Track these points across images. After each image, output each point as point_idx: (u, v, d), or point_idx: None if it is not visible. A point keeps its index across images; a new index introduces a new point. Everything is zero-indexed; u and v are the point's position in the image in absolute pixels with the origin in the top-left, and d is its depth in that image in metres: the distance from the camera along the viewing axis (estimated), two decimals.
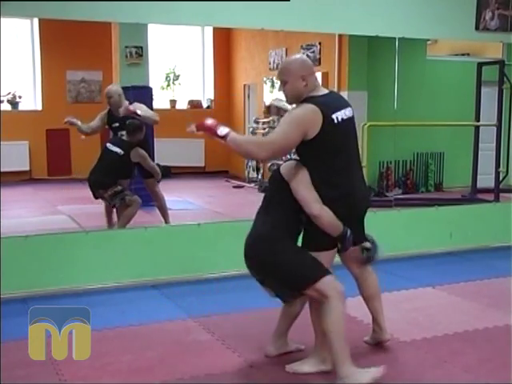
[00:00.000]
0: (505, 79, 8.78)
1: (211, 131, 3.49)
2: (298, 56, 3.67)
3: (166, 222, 6.58)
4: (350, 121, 3.54)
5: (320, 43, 10.67)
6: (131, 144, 6.34)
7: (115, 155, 6.28)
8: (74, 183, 9.71)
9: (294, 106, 3.57)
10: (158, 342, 4.01)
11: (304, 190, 3.41)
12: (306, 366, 3.60)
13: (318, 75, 11.06)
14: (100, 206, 6.51)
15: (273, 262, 3.45)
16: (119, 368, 3.61)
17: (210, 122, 3.53)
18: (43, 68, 11.96)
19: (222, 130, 3.46)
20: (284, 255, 3.45)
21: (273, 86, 12.54)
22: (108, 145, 6.38)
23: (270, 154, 3.45)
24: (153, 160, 6.73)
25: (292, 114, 3.46)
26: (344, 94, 9.97)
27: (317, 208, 3.39)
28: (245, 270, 3.70)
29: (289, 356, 3.79)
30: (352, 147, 3.60)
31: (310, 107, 3.39)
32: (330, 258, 3.59)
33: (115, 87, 6.78)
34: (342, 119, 3.45)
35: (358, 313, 4.55)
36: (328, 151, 3.44)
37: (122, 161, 6.30)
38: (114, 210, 6.40)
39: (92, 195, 6.31)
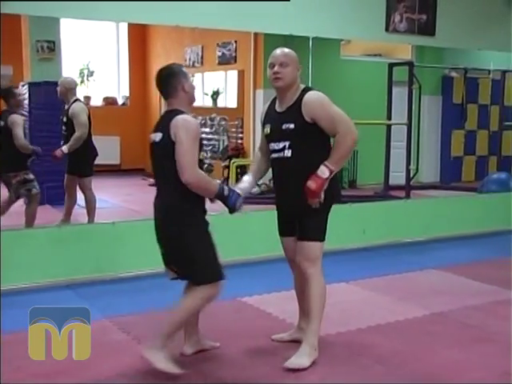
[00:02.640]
0: (414, 80, 9.06)
1: (322, 185, 3.57)
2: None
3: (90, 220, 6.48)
4: None
5: (236, 41, 10.72)
6: (9, 112, 6.18)
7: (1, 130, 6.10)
8: None
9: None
10: None
11: (188, 154, 3.39)
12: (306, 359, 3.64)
13: (234, 73, 11.12)
14: (16, 204, 6.32)
15: (180, 243, 3.51)
16: (33, 371, 3.51)
17: (315, 185, 3.56)
18: None
19: (325, 172, 3.57)
20: (193, 240, 3.50)
21: None
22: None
23: (356, 132, 3.67)
24: (66, 157, 6.50)
25: (324, 98, 3.70)
26: (260, 92, 10.09)
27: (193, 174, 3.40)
28: (160, 268, 3.69)
29: (204, 354, 3.80)
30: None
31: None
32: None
33: (66, 79, 6.72)
34: None
35: (274, 309, 4.62)
36: (326, 136, 3.71)
37: (6, 133, 6.07)
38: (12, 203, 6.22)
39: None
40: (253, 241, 6.02)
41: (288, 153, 3.70)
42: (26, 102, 8.65)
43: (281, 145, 3.72)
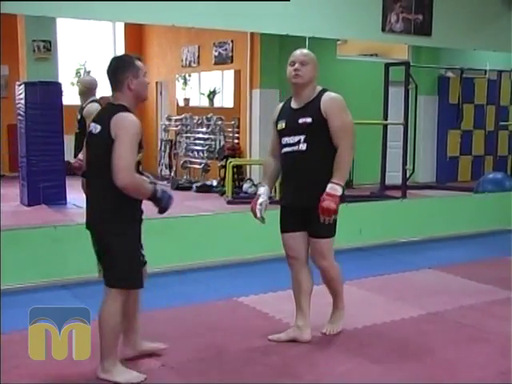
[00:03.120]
0: (410, 80, 9.08)
1: (337, 204, 3.76)
2: None
3: None
4: None
5: (232, 41, 10.72)
6: None
7: None
8: None
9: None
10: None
11: (125, 156, 3.21)
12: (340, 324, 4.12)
13: (231, 73, 11.12)
14: (8, 204, 6.31)
15: (109, 244, 3.39)
16: (28, 371, 3.50)
17: (335, 205, 3.74)
18: None
19: (338, 190, 3.75)
20: (122, 246, 3.37)
21: (185, 83, 12.50)
22: None
23: (353, 144, 3.85)
24: (62, 157, 6.48)
25: (342, 102, 3.92)
26: (256, 92, 10.09)
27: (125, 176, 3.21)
28: (156, 268, 3.68)
29: (201, 354, 3.80)
30: None
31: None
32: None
33: (85, 78, 6.68)
34: None
35: (269, 309, 4.62)
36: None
37: None
38: None
39: None
40: (249, 241, 6.02)
41: (303, 146, 3.84)
42: (22, 101, 8.65)
43: (296, 138, 3.85)
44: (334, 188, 3.72)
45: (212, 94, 11.85)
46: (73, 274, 5.26)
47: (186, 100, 12.41)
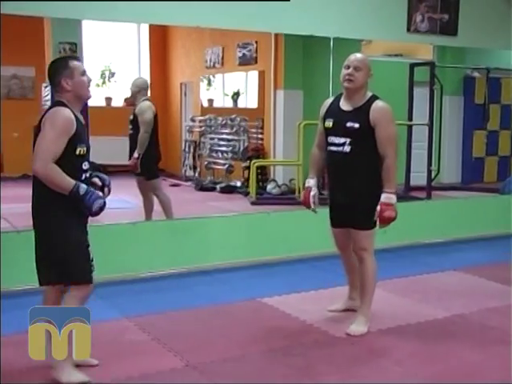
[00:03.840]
0: (435, 80, 9.01)
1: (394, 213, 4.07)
2: None
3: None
4: None
5: (256, 42, 10.72)
6: None
7: None
8: (5, 181, 9.47)
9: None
10: (93, 343, 3.92)
11: (44, 145, 3.22)
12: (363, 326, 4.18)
13: (255, 74, 11.12)
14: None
15: (46, 235, 3.37)
16: (48, 371, 3.54)
17: (394, 213, 4.09)
18: None
19: (393, 199, 4.08)
20: (62, 238, 3.34)
21: (209, 84, 12.53)
22: None
23: (396, 153, 4.14)
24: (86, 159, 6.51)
25: (390, 111, 4.10)
26: (280, 93, 10.08)
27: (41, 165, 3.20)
28: (181, 268, 3.70)
29: (222, 354, 3.80)
30: None
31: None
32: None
33: (138, 80, 6.79)
34: None
35: (293, 310, 4.62)
36: None
37: None
38: None
39: None
40: (273, 241, 6.02)
41: (347, 148, 4.07)
42: (49, 103, 8.73)
43: (342, 140, 4.08)
44: (389, 197, 4.03)
45: (236, 95, 11.87)
46: (97, 273, 5.27)
47: (210, 101, 12.43)
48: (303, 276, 5.68)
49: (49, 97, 8.70)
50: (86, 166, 3.43)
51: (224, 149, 11.34)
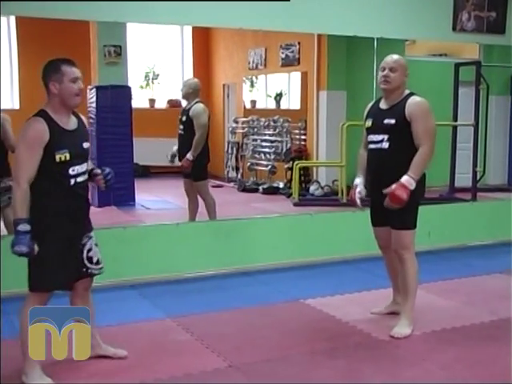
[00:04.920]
0: (481, 80, 8.87)
1: (407, 194, 3.92)
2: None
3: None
4: None
5: (299, 43, 10.70)
6: None
7: None
8: None
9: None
10: (137, 342, 4.00)
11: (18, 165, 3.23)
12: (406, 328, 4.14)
13: (298, 75, 11.11)
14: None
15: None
16: (97, 368, 3.59)
17: (400, 192, 3.92)
18: (20, 66, 11.85)
19: (411, 183, 3.93)
20: (39, 244, 3.26)
21: (252, 85, 12.55)
22: None
23: (433, 149, 4.09)
24: (131, 159, 6.61)
25: (425, 106, 4.13)
26: (323, 94, 10.05)
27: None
28: (224, 269, 3.70)
29: (266, 355, 3.80)
30: None
31: (428, 103, 4.16)
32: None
33: (190, 81, 6.88)
34: None
35: (336, 312, 4.59)
36: None
37: None
38: None
39: None
40: (316, 243, 6.00)
41: (385, 145, 4.10)
42: (94, 105, 8.87)
43: (380, 137, 4.12)
44: (409, 181, 3.92)
45: (279, 96, 11.86)
46: (141, 273, 5.36)
47: (253, 102, 12.46)
48: (347, 278, 5.64)
49: (94, 99, 8.84)
50: (74, 170, 3.37)
51: (267, 150, 11.34)
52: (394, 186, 3.91)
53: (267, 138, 11.41)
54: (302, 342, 4.05)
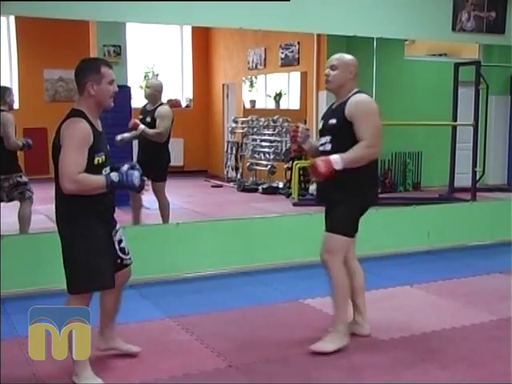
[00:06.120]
0: (481, 79, 8.87)
1: (332, 174, 3.65)
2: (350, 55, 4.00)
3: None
4: None
5: (299, 43, 10.71)
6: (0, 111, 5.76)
7: None
8: (51, 182, 9.63)
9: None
10: (137, 342, 3.99)
11: (67, 162, 3.18)
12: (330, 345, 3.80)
13: (297, 75, 11.11)
14: None
15: (63, 246, 3.37)
16: (97, 368, 3.58)
17: (325, 168, 3.64)
18: (20, 66, 11.86)
19: (338, 164, 3.64)
20: (78, 245, 3.30)
21: (252, 85, 12.55)
22: None
23: (378, 148, 3.83)
24: (131, 159, 6.62)
25: (369, 106, 3.86)
26: (323, 94, 10.04)
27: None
28: (223, 269, 3.70)
29: (266, 355, 3.80)
30: None
31: (373, 100, 3.93)
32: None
33: (155, 82, 6.88)
34: None
35: None
36: None
37: None
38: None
39: None
40: (316, 243, 5.98)
41: (328, 146, 3.86)
42: None
43: (323, 139, 3.92)
44: (336, 159, 3.65)
45: (278, 96, 11.87)
46: (141, 273, 5.33)
47: (253, 102, 12.46)
48: None
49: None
50: (106, 171, 3.39)
51: (266, 150, 11.35)
52: (319, 158, 3.71)
53: (267, 137, 11.42)
54: (302, 341, 4.05)
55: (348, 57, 3.97)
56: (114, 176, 3.27)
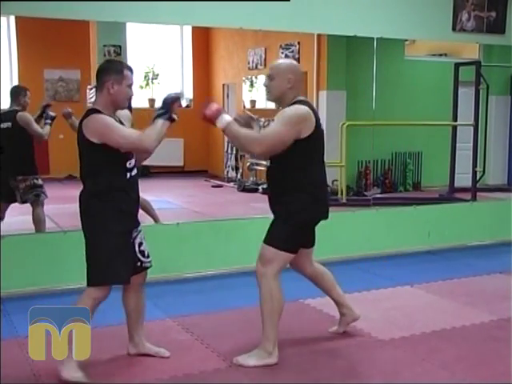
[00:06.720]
0: (481, 80, 8.87)
1: (211, 122, 3.56)
2: (289, 60, 3.79)
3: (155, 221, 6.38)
4: (323, 131, 3.78)
5: (299, 43, 10.70)
6: (15, 111, 5.80)
7: (6, 131, 5.73)
8: (52, 182, 9.63)
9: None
10: None
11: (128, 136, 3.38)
12: (253, 359, 3.66)
13: None
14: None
15: (86, 239, 3.49)
16: (98, 368, 3.59)
17: (210, 112, 3.55)
18: (20, 66, 11.84)
19: (221, 122, 3.52)
20: (93, 239, 3.44)
21: (252, 85, 12.55)
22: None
23: (264, 150, 3.54)
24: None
25: (288, 113, 3.54)
26: (323, 94, 10.04)
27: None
28: (224, 269, 3.70)
29: None
30: (323, 154, 3.82)
31: (305, 109, 3.56)
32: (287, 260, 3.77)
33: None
34: (322, 126, 3.68)
35: (336, 312, 4.58)
36: (314, 153, 3.68)
37: (16, 134, 5.74)
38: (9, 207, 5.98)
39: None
40: (316, 242, 5.99)
41: (269, 161, 3.76)
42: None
43: None
44: (222, 120, 3.53)
45: None
46: None
47: (253, 102, 12.45)
48: (346, 277, 5.62)
49: (93, 99, 8.82)
50: (130, 164, 3.49)
51: None
52: (211, 104, 3.58)
53: None
54: (302, 341, 4.05)
55: (284, 64, 3.77)
56: (162, 112, 3.45)
